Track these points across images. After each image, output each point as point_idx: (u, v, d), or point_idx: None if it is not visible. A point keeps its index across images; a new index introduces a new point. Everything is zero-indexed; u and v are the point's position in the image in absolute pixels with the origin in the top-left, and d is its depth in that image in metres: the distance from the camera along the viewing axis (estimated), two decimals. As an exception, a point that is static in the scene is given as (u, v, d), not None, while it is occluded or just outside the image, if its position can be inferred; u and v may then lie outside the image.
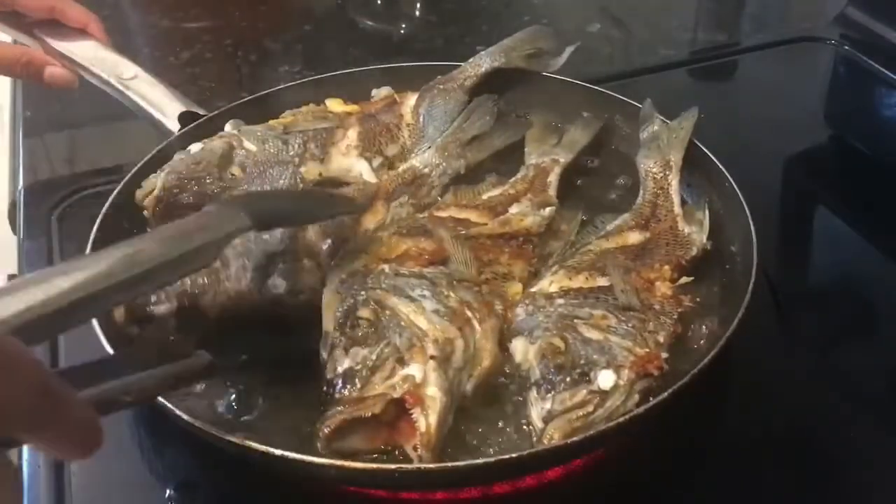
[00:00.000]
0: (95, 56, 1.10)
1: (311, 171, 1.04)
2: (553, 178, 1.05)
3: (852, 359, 0.97)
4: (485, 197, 1.03)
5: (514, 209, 1.00)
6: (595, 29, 1.55)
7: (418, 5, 1.65)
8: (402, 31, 1.61)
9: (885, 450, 0.87)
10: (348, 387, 0.75)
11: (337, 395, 0.75)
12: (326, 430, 0.73)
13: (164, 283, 0.72)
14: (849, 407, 0.91)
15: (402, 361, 0.76)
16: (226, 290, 0.86)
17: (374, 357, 0.76)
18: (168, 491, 0.81)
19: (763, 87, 1.40)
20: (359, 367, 0.76)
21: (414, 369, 0.75)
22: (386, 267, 0.86)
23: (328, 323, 0.83)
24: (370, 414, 0.73)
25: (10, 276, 1.08)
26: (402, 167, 1.07)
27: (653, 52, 1.49)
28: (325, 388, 0.77)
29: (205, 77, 1.41)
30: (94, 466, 0.85)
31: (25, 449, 0.85)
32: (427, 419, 0.73)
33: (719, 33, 1.58)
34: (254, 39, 1.53)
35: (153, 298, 0.83)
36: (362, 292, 0.82)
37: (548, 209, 1.00)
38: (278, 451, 0.72)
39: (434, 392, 0.74)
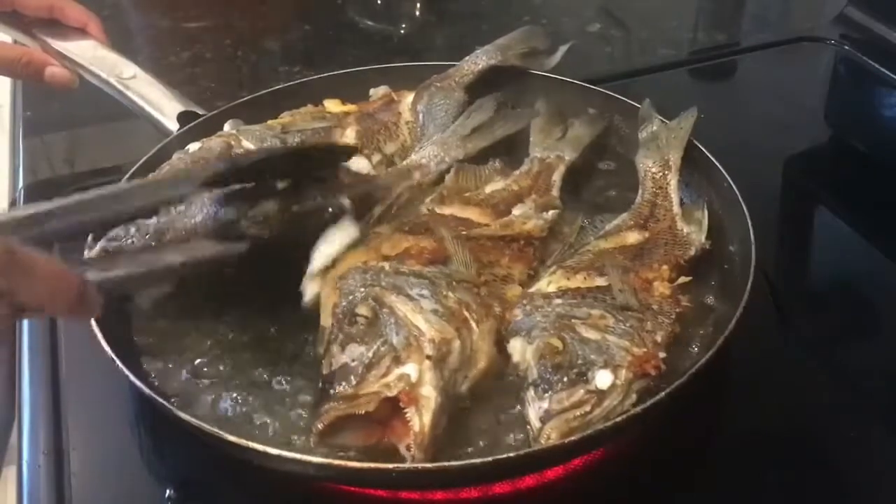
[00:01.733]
0: (94, 56, 1.10)
1: None
2: (557, 178, 1.05)
3: (852, 359, 0.97)
4: (488, 190, 1.03)
5: (517, 211, 1.00)
6: (595, 29, 1.55)
7: (418, 5, 1.66)
8: (402, 31, 1.61)
9: (886, 449, 0.87)
10: (343, 383, 0.75)
11: (332, 391, 0.75)
12: (320, 426, 0.73)
13: (141, 208, 0.83)
14: (849, 407, 0.91)
15: (398, 360, 0.76)
16: (184, 225, 0.86)
17: (370, 354, 0.76)
18: (168, 491, 0.81)
19: (763, 87, 1.40)
20: (354, 363, 0.76)
21: (410, 368, 0.75)
22: (386, 265, 0.86)
23: (325, 318, 0.83)
24: (364, 411, 0.73)
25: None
26: (402, 164, 1.07)
27: (653, 52, 1.50)
28: (320, 384, 0.77)
29: (205, 77, 1.41)
30: (94, 466, 0.85)
31: (25, 449, 0.85)
32: (421, 419, 0.73)
33: (719, 33, 1.58)
34: (254, 39, 1.53)
35: (123, 234, 0.87)
36: (361, 289, 0.82)
37: (551, 212, 1.00)
38: (278, 451, 0.73)
39: (429, 392, 0.74)
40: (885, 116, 1.38)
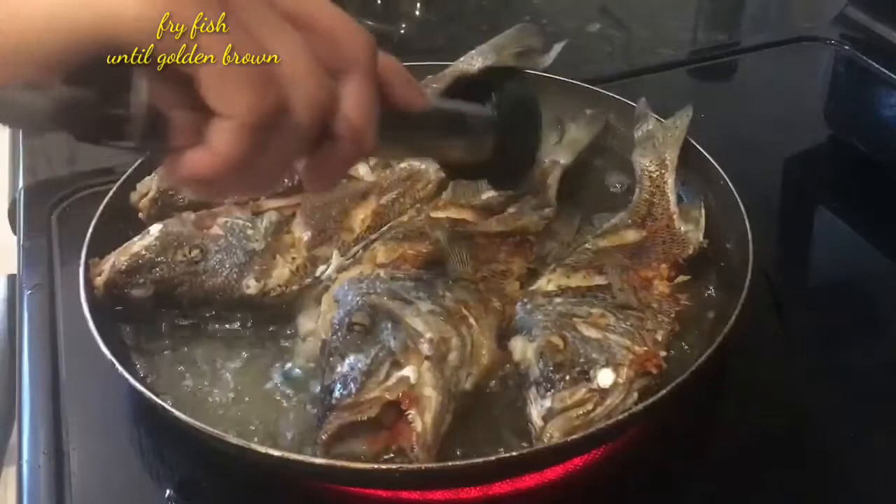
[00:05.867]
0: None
1: None
2: (553, 181, 1.05)
3: (852, 358, 0.97)
4: (484, 197, 1.03)
5: (512, 209, 1.00)
6: (595, 29, 1.55)
7: (418, 5, 1.65)
8: (402, 31, 1.60)
9: (886, 449, 0.87)
10: (343, 392, 0.75)
11: (333, 401, 0.75)
12: (324, 437, 0.73)
13: None
14: (849, 407, 0.91)
15: (397, 364, 0.76)
16: (201, 283, 0.88)
17: (368, 361, 0.76)
18: (168, 491, 0.81)
19: (763, 87, 1.40)
20: (354, 372, 0.76)
21: (408, 371, 0.75)
22: (381, 272, 0.87)
23: (325, 330, 0.83)
24: (366, 418, 0.73)
25: (10, 276, 1.08)
26: (400, 166, 1.07)
27: (653, 52, 1.49)
28: (321, 395, 0.77)
29: (204, 77, 1.40)
30: (94, 466, 0.85)
31: (25, 449, 0.85)
32: (423, 419, 0.73)
33: (719, 33, 1.58)
34: (253, 40, 1.52)
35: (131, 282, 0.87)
36: (357, 298, 0.83)
37: (547, 210, 1.00)
38: (278, 452, 0.73)
39: (429, 392, 0.74)
40: (885, 116, 1.38)
